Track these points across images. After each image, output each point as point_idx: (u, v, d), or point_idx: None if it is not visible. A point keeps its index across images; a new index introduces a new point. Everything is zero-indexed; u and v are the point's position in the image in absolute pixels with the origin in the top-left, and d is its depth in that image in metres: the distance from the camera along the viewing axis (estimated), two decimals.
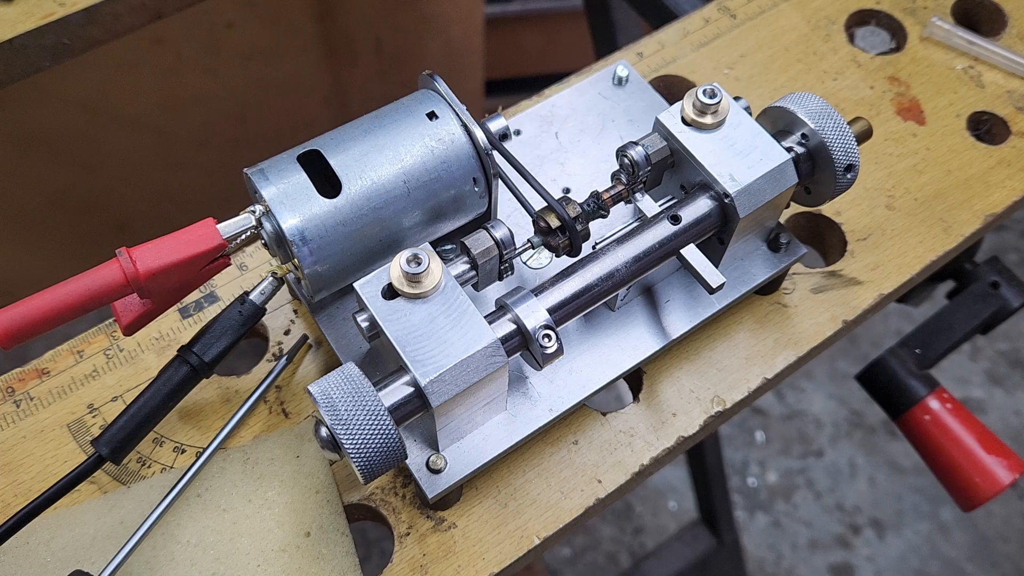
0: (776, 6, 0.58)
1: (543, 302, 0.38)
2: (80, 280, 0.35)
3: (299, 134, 0.41)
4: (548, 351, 0.36)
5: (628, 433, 0.43)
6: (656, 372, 0.45)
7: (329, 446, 0.33)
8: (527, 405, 0.41)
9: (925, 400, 0.55)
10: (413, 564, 0.39)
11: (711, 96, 0.40)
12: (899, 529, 1.44)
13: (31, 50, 0.55)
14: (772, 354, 0.45)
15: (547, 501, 0.41)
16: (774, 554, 1.42)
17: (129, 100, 1.03)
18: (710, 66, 0.55)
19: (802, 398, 1.55)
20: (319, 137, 0.39)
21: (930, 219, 0.50)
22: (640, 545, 1.43)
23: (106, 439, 0.38)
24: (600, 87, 0.52)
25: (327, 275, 0.38)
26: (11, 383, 0.43)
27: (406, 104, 0.40)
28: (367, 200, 0.38)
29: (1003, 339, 1.60)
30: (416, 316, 0.35)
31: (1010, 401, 1.54)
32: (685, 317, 0.44)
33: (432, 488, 0.39)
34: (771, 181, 0.40)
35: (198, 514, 0.40)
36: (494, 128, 0.40)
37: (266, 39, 1.06)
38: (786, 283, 0.48)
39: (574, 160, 0.50)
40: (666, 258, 0.40)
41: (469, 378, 0.35)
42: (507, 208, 0.47)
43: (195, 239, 0.36)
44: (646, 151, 0.41)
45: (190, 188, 1.19)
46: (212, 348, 0.39)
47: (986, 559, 1.41)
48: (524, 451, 0.42)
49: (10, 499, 0.41)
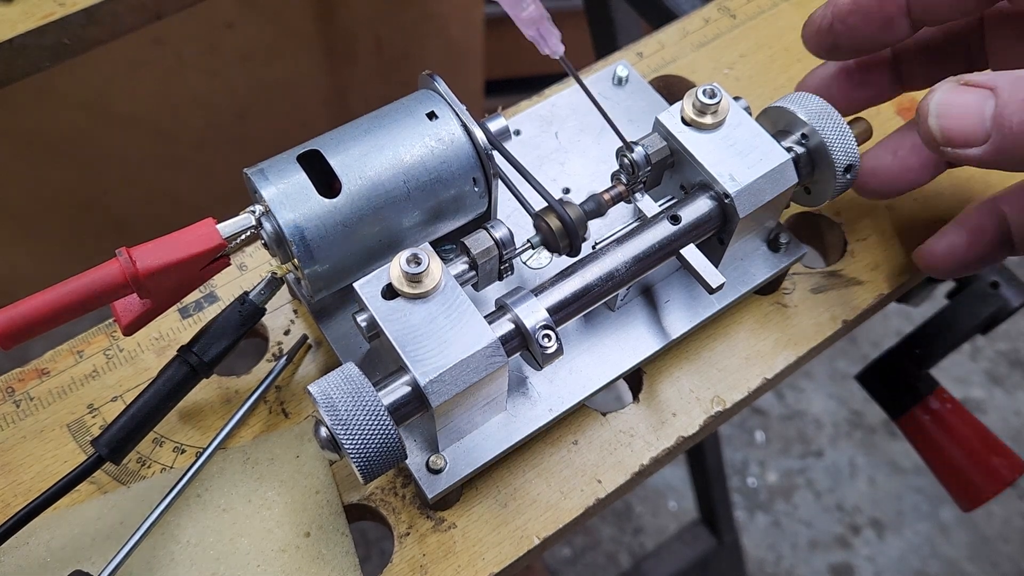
0: (776, 6, 0.58)
1: (543, 302, 0.38)
2: (80, 280, 0.35)
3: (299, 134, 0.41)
4: (548, 351, 0.36)
5: (628, 433, 0.43)
6: (656, 372, 0.45)
7: (329, 446, 0.33)
8: (527, 405, 0.41)
9: (925, 400, 0.55)
10: (413, 564, 0.39)
11: (711, 96, 0.40)
12: (899, 529, 1.44)
13: (31, 50, 0.55)
14: (772, 354, 0.46)
15: (547, 501, 0.41)
16: (774, 554, 1.42)
17: (129, 100, 1.03)
18: (710, 66, 0.55)
19: (802, 398, 1.55)
20: (319, 137, 0.39)
21: (931, 219, 0.50)
22: (640, 545, 1.43)
23: (106, 439, 0.38)
24: (600, 87, 0.52)
25: (327, 275, 0.38)
26: (11, 383, 0.43)
27: (406, 104, 0.40)
28: (367, 200, 0.38)
29: (1003, 339, 1.60)
30: (416, 316, 0.35)
31: (1010, 401, 1.54)
32: (685, 317, 0.44)
33: (432, 488, 0.39)
34: (771, 181, 0.40)
35: (198, 514, 0.40)
36: (494, 128, 0.40)
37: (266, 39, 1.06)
38: (786, 283, 0.48)
39: (574, 160, 0.50)
40: (666, 258, 0.40)
41: (469, 378, 0.35)
42: (507, 208, 0.47)
43: (195, 239, 0.36)
44: (646, 151, 0.41)
45: (190, 188, 1.19)
46: (212, 348, 0.39)
47: (986, 559, 1.41)
48: (524, 451, 0.42)
49: (10, 499, 0.41)
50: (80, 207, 1.13)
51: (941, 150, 0.35)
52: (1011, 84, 0.33)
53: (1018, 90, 0.32)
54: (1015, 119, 0.32)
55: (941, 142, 0.34)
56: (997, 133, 0.33)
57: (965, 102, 0.33)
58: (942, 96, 0.34)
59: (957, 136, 0.34)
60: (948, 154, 0.35)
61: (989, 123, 0.33)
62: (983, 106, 0.33)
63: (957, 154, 0.34)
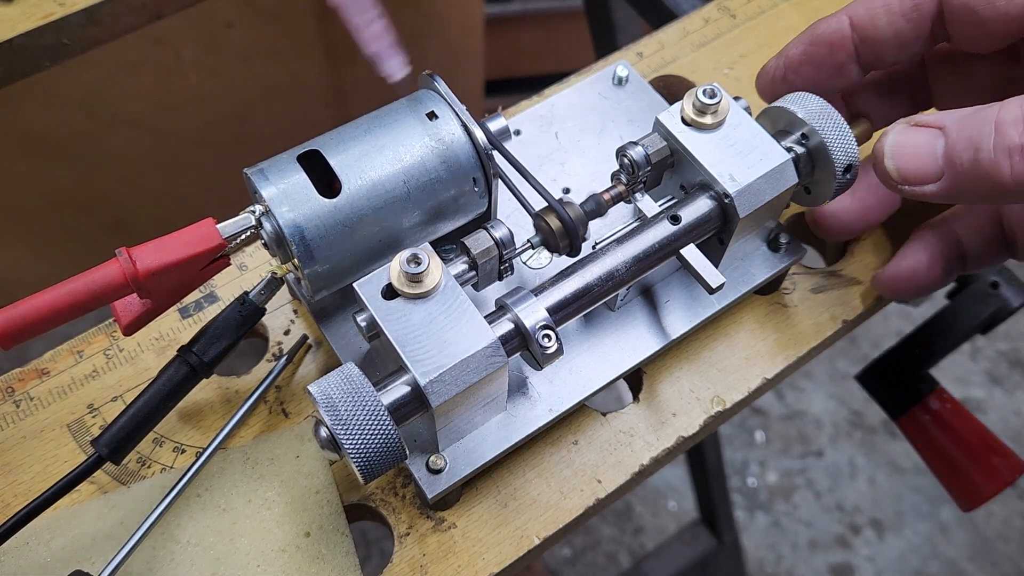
0: (776, 6, 0.58)
1: (543, 302, 0.38)
2: (80, 280, 0.35)
3: (299, 134, 0.41)
4: (548, 351, 0.36)
5: (628, 433, 0.43)
6: (656, 372, 0.45)
7: (329, 446, 0.33)
8: (527, 405, 0.41)
9: (925, 400, 0.55)
10: (413, 564, 0.39)
11: (711, 96, 0.40)
12: (899, 529, 1.44)
13: (31, 50, 0.55)
14: (772, 354, 0.46)
15: (547, 501, 0.41)
16: (774, 554, 1.42)
17: (129, 100, 1.03)
18: (710, 66, 0.55)
19: (802, 398, 1.55)
20: (319, 137, 0.39)
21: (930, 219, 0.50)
22: (640, 545, 1.43)
23: (106, 439, 0.38)
24: (600, 87, 0.52)
25: (327, 275, 0.38)
26: (11, 383, 0.43)
27: (406, 104, 0.40)
28: (367, 200, 0.38)
29: (1003, 339, 1.60)
30: (416, 316, 0.35)
31: (1010, 401, 1.54)
32: (685, 317, 0.44)
33: (432, 488, 0.39)
34: (771, 181, 0.40)
35: (198, 514, 0.40)
36: (494, 128, 0.40)
37: (266, 39, 1.06)
38: (786, 283, 0.48)
39: (574, 160, 0.50)
40: (666, 258, 0.40)
41: (469, 378, 0.35)
42: (507, 208, 0.47)
43: (195, 239, 0.36)
44: (646, 151, 0.41)
45: (190, 188, 1.19)
46: (212, 348, 0.39)
47: (986, 559, 1.41)
48: (524, 451, 0.42)
49: (10, 499, 0.41)
50: (80, 207, 1.13)
51: (899, 188, 0.37)
52: (958, 124, 0.35)
53: (964, 128, 0.34)
54: (964, 156, 0.34)
55: (899, 181, 0.36)
56: (949, 170, 0.35)
57: (917, 142, 0.36)
58: (895, 138, 0.36)
59: (912, 175, 0.36)
60: (905, 191, 0.36)
61: (941, 161, 0.35)
62: (934, 145, 0.35)
63: (914, 191, 0.36)
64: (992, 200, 0.35)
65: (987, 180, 0.33)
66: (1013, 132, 0.33)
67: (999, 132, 0.33)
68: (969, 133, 0.34)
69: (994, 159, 0.33)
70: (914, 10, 0.40)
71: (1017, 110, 0.33)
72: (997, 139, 0.33)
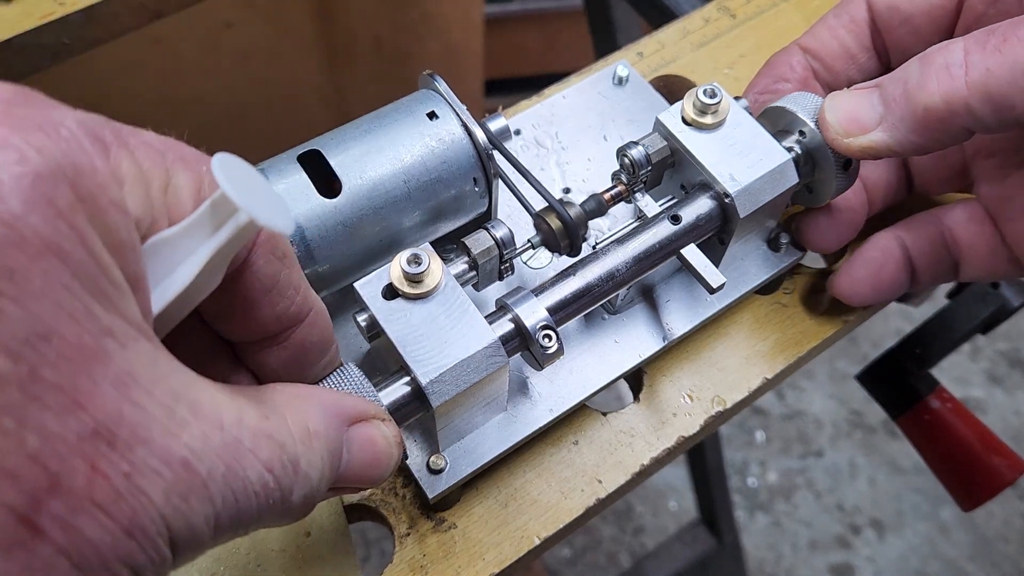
0: (776, 6, 0.58)
1: (543, 302, 0.38)
2: None
3: (299, 134, 0.41)
4: (549, 351, 0.36)
5: (628, 433, 0.43)
6: (656, 372, 0.45)
7: None
8: (527, 405, 0.41)
9: (925, 400, 0.55)
10: (413, 564, 0.39)
11: (711, 96, 0.40)
12: (899, 529, 1.44)
13: (31, 50, 0.55)
14: (772, 354, 0.45)
15: (547, 501, 0.41)
16: (774, 554, 1.42)
17: (129, 100, 1.03)
18: (710, 66, 0.55)
19: (802, 398, 1.56)
20: (319, 137, 0.39)
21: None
22: (640, 545, 1.43)
23: None
24: (600, 87, 0.52)
25: (327, 275, 0.38)
26: None
27: (406, 104, 0.40)
28: (367, 200, 0.38)
29: (1003, 339, 1.60)
30: (416, 316, 0.35)
31: (1010, 401, 1.54)
32: (685, 317, 0.44)
33: (432, 488, 0.39)
34: (771, 181, 0.40)
35: None
36: (494, 128, 0.40)
37: (266, 39, 1.06)
38: (786, 283, 0.48)
39: (574, 160, 0.50)
40: (666, 258, 0.40)
41: (469, 378, 0.35)
42: (507, 208, 0.47)
43: None
44: (646, 151, 0.41)
45: None
46: None
47: (986, 559, 1.41)
48: (524, 451, 0.42)
49: None
50: None
51: (846, 143, 0.38)
52: (891, 75, 0.37)
53: (896, 73, 0.36)
54: (896, 91, 0.36)
55: (843, 134, 0.38)
56: (885, 109, 0.36)
57: (856, 96, 0.38)
58: (830, 99, 0.38)
59: (853, 125, 0.37)
60: (853, 146, 0.37)
61: (880, 107, 0.36)
62: (872, 95, 0.37)
63: (861, 143, 0.37)
64: (934, 134, 0.36)
65: (919, 107, 0.35)
66: (937, 56, 0.35)
67: (924, 61, 0.35)
68: (900, 74, 0.36)
69: (921, 81, 0.35)
70: (851, 22, 0.43)
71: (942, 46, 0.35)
72: (923, 67, 0.35)
